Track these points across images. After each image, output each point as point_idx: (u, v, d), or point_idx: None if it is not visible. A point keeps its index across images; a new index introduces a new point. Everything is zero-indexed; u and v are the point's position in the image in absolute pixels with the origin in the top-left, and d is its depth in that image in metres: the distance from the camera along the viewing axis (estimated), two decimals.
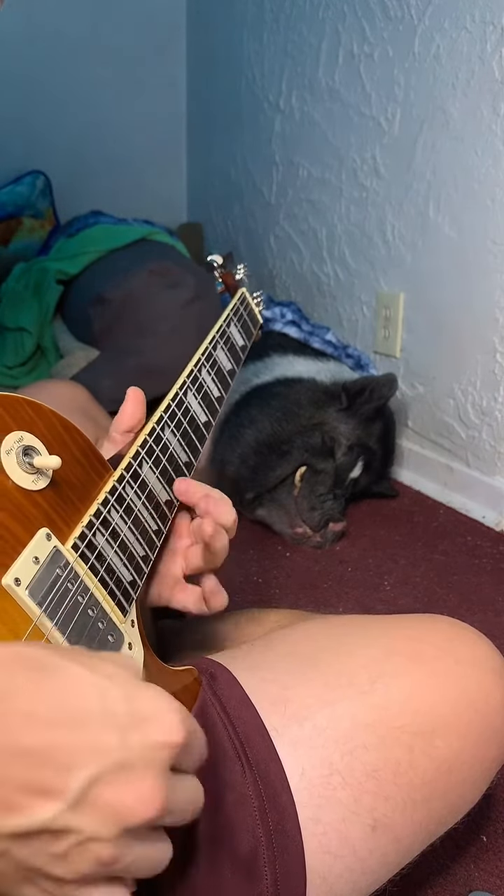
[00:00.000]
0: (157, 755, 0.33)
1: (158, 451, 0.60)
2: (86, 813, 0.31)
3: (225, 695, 0.56)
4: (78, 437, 0.52)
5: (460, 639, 0.63)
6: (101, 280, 1.80)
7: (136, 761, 0.32)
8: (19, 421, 0.47)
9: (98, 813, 0.31)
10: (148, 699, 0.34)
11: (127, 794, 0.32)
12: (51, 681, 0.32)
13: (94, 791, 0.31)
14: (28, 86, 2.11)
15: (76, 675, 0.33)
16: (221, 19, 2.13)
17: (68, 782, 0.31)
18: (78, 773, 0.31)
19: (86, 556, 0.48)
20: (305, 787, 0.52)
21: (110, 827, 0.31)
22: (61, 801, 0.31)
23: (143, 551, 0.55)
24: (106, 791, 0.31)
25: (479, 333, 1.48)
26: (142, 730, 0.33)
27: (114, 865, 0.32)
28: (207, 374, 0.73)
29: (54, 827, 0.31)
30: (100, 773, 0.31)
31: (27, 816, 0.30)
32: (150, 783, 0.32)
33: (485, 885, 0.75)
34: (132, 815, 0.32)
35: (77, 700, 0.32)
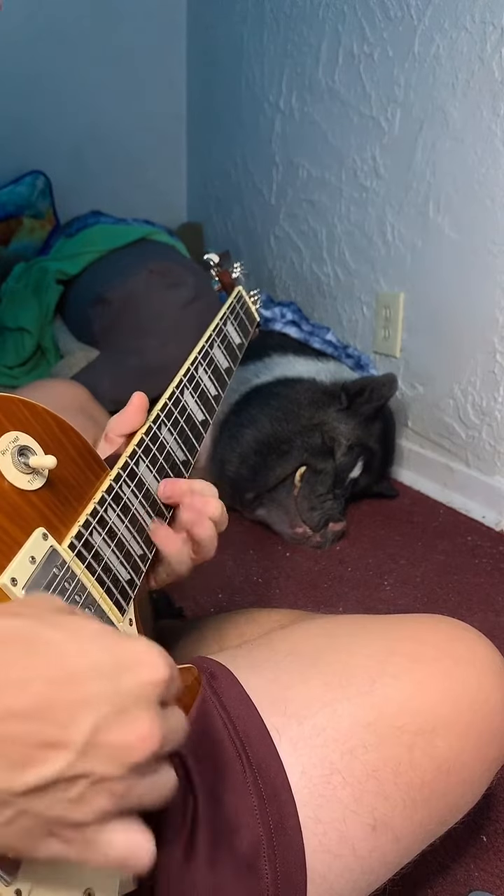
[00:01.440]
0: (147, 694, 0.35)
1: (155, 449, 0.60)
2: (94, 757, 0.33)
3: (225, 694, 0.56)
4: (74, 437, 0.52)
5: (460, 639, 0.63)
6: (101, 280, 1.80)
7: (129, 703, 0.35)
8: (14, 421, 0.46)
9: (105, 755, 0.34)
10: (127, 646, 0.36)
11: (128, 733, 0.34)
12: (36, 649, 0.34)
13: (98, 736, 0.33)
14: (28, 86, 2.11)
15: (58, 641, 0.35)
16: (221, 19, 2.14)
17: (73, 733, 0.33)
18: (80, 723, 0.33)
19: (82, 556, 0.48)
20: (306, 787, 0.52)
21: (118, 765, 0.34)
22: (70, 751, 0.33)
23: (141, 550, 0.55)
24: (109, 734, 0.34)
25: (479, 333, 1.48)
26: (129, 674, 0.35)
27: (126, 798, 0.35)
28: (204, 373, 0.73)
29: (68, 774, 0.33)
30: (99, 719, 0.33)
31: (42, 769, 0.32)
32: (146, 721, 0.35)
33: (485, 885, 0.75)
34: (137, 752, 0.34)
35: (65, 661, 0.34)
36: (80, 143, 2.23)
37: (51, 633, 0.35)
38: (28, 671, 0.33)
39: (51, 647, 0.34)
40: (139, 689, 0.35)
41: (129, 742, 0.34)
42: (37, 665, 0.33)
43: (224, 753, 0.53)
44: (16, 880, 0.36)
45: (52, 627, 0.36)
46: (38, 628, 0.35)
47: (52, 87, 2.14)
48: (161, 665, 0.36)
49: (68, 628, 0.36)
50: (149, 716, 0.35)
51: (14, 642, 0.34)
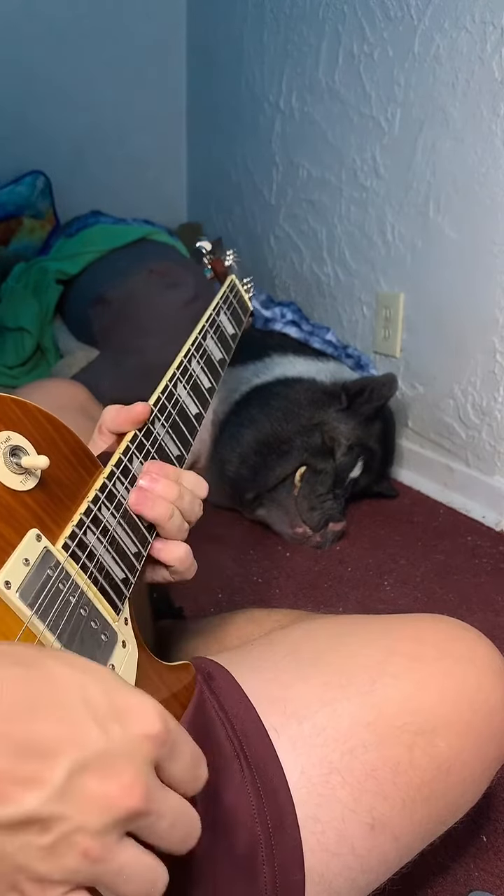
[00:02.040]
0: (138, 747, 0.34)
1: (149, 445, 0.60)
2: (71, 801, 0.31)
3: (223, 694, 0.56)
4: (67, 435, 0.51)
5: (460, 639, 0.63)
6: (101, 280, 1.80)
7: (117, 752, 0.33)
8: (6, 421, 0.46)
9: (83, 802, 0.32)
10: (127, 694, 0.35)
11: (110, 783, 0.32)
12: (32, 676, 0.33)
13: (78, 780, 0.32)
14: (28, 86, 2.11)
15: (58, 671, 0.34)
16: (221, 19, 2.14)
17: (52, 771, 0.31)
18: (61, 762, 0.31)
19: (77, 556, 0.48)
20: (304, 786, 0.52)
21: (96, 817, 0.32)
22: (47, 789, 0.31)
23: (136, 548, 0.54)
24: (89, 780, 0.32)
25: (479, 333, 1.48)
26: (122, 722, 0.34)
27: (101, 865, 0.32)
28: (198, 365, 0.72)
29: (41, 815, 0.31)
30: (82, 762, 0.32)
31: (15, 805, 0.31)
32: (132, 774, 0.33)
33: (485, 885, 0.74)
34: (116, 805, 0.32)
35: (58, 693, 0.33)
36: (80, 143, 2.23)
37: (57, 665, 0.34)
38: (17, 696, 0.32)
39: (52, 678, 0.34)
40: (130, 739, 0.34)
41: (110, 792, 0.32)
42: (28, 692, 0.33)
43: (222, 753, 0.53)
44: None
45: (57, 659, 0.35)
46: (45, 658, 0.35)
47: (52, 86, 2.15)
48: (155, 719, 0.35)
49: (74, 664, 0.35)
50: (135, 768, 0.33)
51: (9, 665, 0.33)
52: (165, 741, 0.35)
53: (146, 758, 0.34)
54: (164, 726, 0.35)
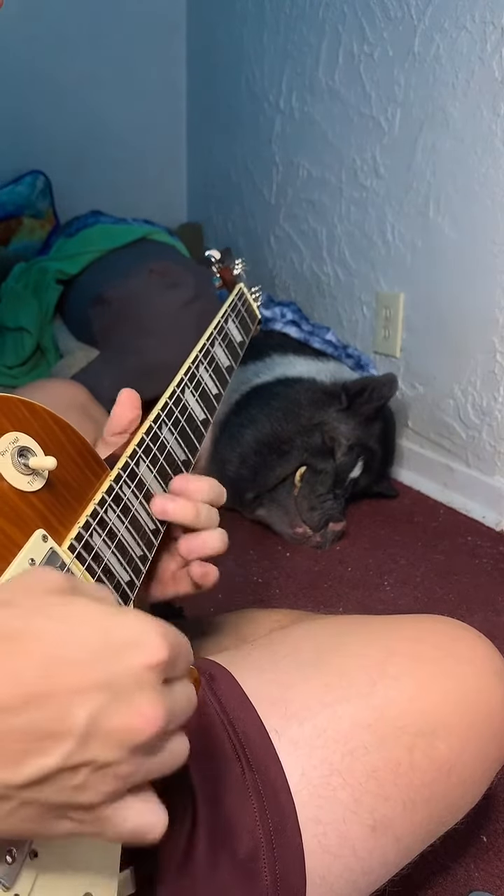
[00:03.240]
0: (146, 676, 0.34)
1: (156, 449, 0.60)
2: (95, 744, 0.33)
3: (224, 695, 0.56)
4: (74, 437, 0.51)
5: (461, 639, 0.63)
6: (101, 280, 1.80)
7: (127, 687, 0.34)
8: (14, 421, 0.46)
9: (107, 741, 0.33)
10: (122, 626, 0.35)
11: (129, 717, 0.33)
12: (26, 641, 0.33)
13: (98, 724, 0.33)
14: (28, 86, 2.11)
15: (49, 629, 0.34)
16: (221, 20, 2.13)
17: (71, 723, 0.32)
18: (77, 712, 0.32)
19: (82, 557, 0.48)
20: (305, 788, 0.52)
21: (121, 750, 0.33)
22: (69, 741, 0.32)
23: (141, 551, 0.55)
24: (109, 721, 0.33)
25: (479, 333, 1.48)
26: (124, 658, 0.34)
27: (134, 777, 0.34)
28: (205, 372, 0.72)
29: (69, 764, 0.32)
30: (97, 707, 0.33)
31: (41, 761, 0.32)
32: (147, 702, 0.34)
33: (485, 885, 0.75)
34: (139, 734, 0.34)
35: (56, 649, 0.33)
36: (80, 143, 2.23)
37: (41, 622, 0.34)
38: (20, 664, 0.32)
39: (41, 637, 0.34)
40: (135, 671, 0.34)
41: (131, 726, 0.33)
42: (27, 657, 0.33)
43: (223, 755, 0.53)
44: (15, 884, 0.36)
45: (43, 615, 0.35)
46: (28, 618, 0.34)
47: (52, 86, 2.14)
48: (159, 647, 0.35)
49: (59, 614, 0.35)
50: (149, 697, 0.34)
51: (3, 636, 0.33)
52: (172, 661, 0.36)
53: (157, 682, 0.35)
54: (169, 651, 0.35)
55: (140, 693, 0.34)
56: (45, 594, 0.37)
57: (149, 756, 0.35)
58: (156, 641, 0.35)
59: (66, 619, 0.35)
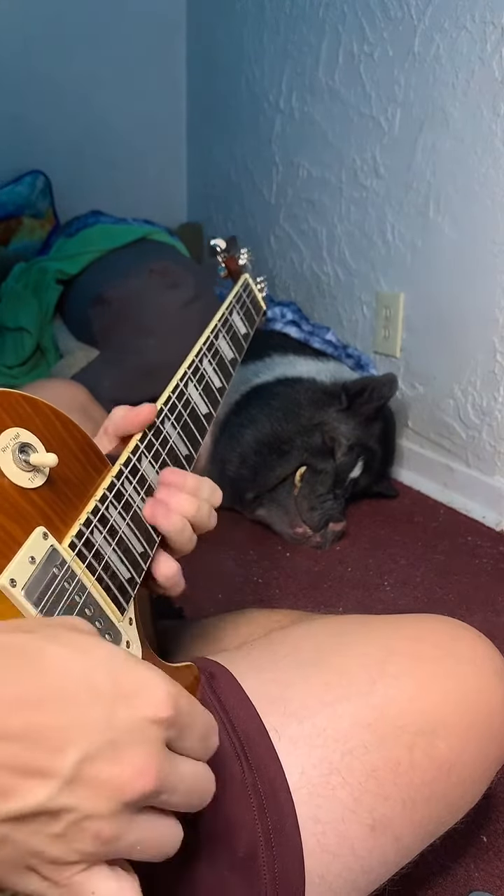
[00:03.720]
0: (147, 730, 0.33)
1: (158, 444, 0.59)
2: (81, 790, 0.31)
3: (224, 694, 0.56)
4: (76, 432, 0.51)
5: (461, 639, 0.63)
6: (101, 280, 1.80)
7: (125, 737, 0.32)
8: (15, 417, 0.46)
9: (93, 789, 0.31)
10: (133, 674, 0.34)
11: (120, 768, 0.32)
12: (33, 665, 0.32)
13: (87, 768, 0.31)
14: (28, 85, 2.11)
15: (58, 657, 0.33)
16: (221, 19, 2.13)
17: (60, 762, 0.31)
18: (69, 751, 0.31)
19: (83, 555, 0.48)
20: (305, 787, 0.52)
21: (107, 803, 0.32)
22: (56, 781, 0.31)
23: (142, 548, 0.54)
24: (98, 768, 0.32)
25: (479, 333, 1.48)
26: (128, 705, 0.33)
27: (115, 844, 0.32)
28: (209, 364, 0.71)
29: (51, 807, 0.31)
30: (90, 750, 0.31)
31: (23, 798, 0.30)
32: (142, 757, 0.32)
33: (485, 885, 0.75)
34: (127, 789, 0.32)
35: (61, 681, 0.32)
36: (79, 143, 2.23)
37: (55, 650, 0.33)
38: (19, 689, 0.32)
39: (52, 666, 0.33)
40: (137, 722, 0.33)
41: (121, 777, 0.32)
42: (30, 683, 0.32)
43: (223, 753, 0.53)
44: None
45: (59, 645, 0.34)
46: (43, 645, 0.33)
47: (52, 86, 2.14)
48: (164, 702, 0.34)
49: (77, 647, 0.34)
50: (145, 752, 0.33)
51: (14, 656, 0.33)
52: (175, 722, 0.34)
53: (157, 739, 0.34)
54: (174, 709, 0.34)
55: (137, 746, 0.33)
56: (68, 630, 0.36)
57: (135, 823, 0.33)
58: (162, 697, 0.34)
59: (82, 653, 0.34)
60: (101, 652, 0.35)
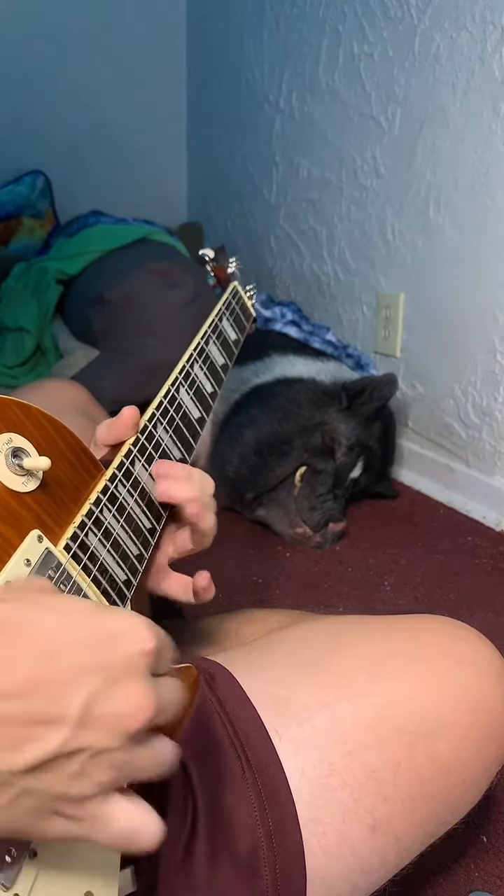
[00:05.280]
0: (136, 664, 0.36)
1: (151, 448, 0.60)
2: (91, 729, 0.34)
3: (225, 695, 0.56)
4: (69, 438, 0.51)
5: (461, 639, 0.63)
6: (101, 280, 1.80)
7: (119, 674, 0.35)
8: (8, 422, 0.46)
9: (102, 727, 0.34)
10: (112, 618, 0.37)
11: (122, 703, 0.35)
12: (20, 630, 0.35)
13: (93, 709, 0.34)
14: (28, 85, 2.11)
15: (43, 620, 0.35)
16: (221, 19, 2.13)
17: (66, 708, 0.33)
18: (72, 697, 0.33)
19: (78, 557, 0.48)
20: (305, 787, 0.52)
21: (115, 736, 0.34)
22: (66, 726, 0.33)
23: (138, 550, 0.55)
24: (103, 706, 0.34)
25: (479, 333, 1.48)
26: (116, 646, 0.35)
27: (127, 769, 0.35)
28: (200, 370, 0.72)
29: (66, 749, 0.33)
30: (91, 692, 0.34)
31: (39, 746, 0.33)
32: (139, 690, 0.35)
33: (485, 885, 0.75)
34: (132, 721, 0.35)
35: (51, 638, 0.35)
36: (79, 143, 2.23)
37: (35, 613, 0.36)
38: (14, 652, 0.33)
39: (36, 627, 0.35)
40: (127, 659, 0.35)
41: (124, 712, 0.34)
42: (23, 645, 0.34)
43: (223, 754, 0.53)
44: (14, 884, 0.36)
45: (37, 608, 0.36)
46: (22, 610, 0.36)
47: (52, 86, 2.14)
48: (148, 636, 0.36)
49: (53, 606, 0.37)
50: (140, 685, 0.35)
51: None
52: (159, 649, 0.37)
53: (146, 671, 0.36)
54: (157, 640, 0.37)
55: (131, 680, 0.35)
56: (38, 592, 0.39)
57: (141, 748, 0.36)
58: (144, 632, 0.36)
59: (59, 611, 0.36)
60: (77, 605, 0.38)
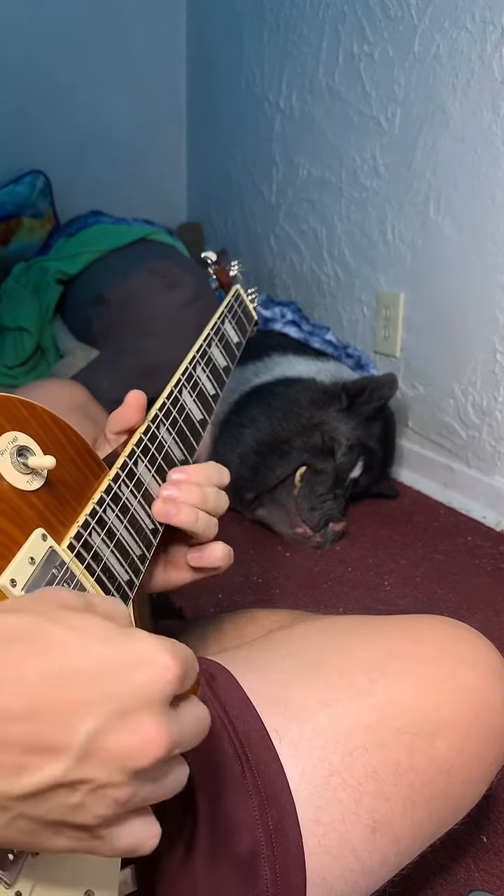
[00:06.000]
0: (153, 694, 0.33)
1: (154, 449, 0.60)
2: (94, 762, 0.32)
3: (225, 695, 0.56)
4: (73, 437, 0.52)
5: (460, 639, 0.63)
6: (101, 280, 1.80)
7: (132, 705, 0.33)
8: (13, 421, 0.46)
9: (106, 761, 0.32)
10: (134, 645, 0.35)
11: (131, 738, 0.32)
12: (36, 647, 0.33)
13: (99, 741, 0.32)
14: (28, 85, 2.11)
15: (61, 638, 0.34)
16: (221, 19, 2.13)
17: (72, 737, 0.31)
18: (79, 727, 0.32)
19: (82, 556, 0.48)
20: (305, 788, 0.52)
21: (120, 772, 0.32)
22: (68, 756, 0.31)
23: (140, 550, 0.55)
24: (110, 739, 0.32)
25: (479, 333, 1.48)
26: (133, 674, 0.33)
27: (132, 803, 0.33)
28: (202, 372, 0.73)
29: (66, 780, 0.32)
30: (100, 722, 0.32)
31: (39, 775, 0.31)
32: (151, 724, 0.33)
33: (485, 885, 0.75)
34: (140, 758, 0.33)
35: (65, 659, 0.33)
36: (79, 143, 2.23)
37: (54, 629, 0.34)
38: (26, 670, 0.32)
39: (52, 645, 0.33)
40: (143, 689, 0.33)
41: (133, 746, 0.32)
42: (35, 663, 0.32)
43: (224, 755, 0.53)
44: (16, 882, 0.36)
45: (56, 624, 0.34)
46: (40, 624, 0.34)
47: (52, 86, 2.14)
48: (170, 663, 0.34)
49: (73, 625, 0.34)
50: (154, 719, 0.33)
51: (14, 640, 0.33)
52: (181, 678, 0.35)
53: (163, 703, 0.34)
54: (180, 667, 0.35)
55: (145, 714, 0.33)
56: (60, 607, 0.36)
57: (149, 782, 0.34)
58: (166, 659, 0.34)
59: (79, 630, 0.34)
60: (98, 626, 0.35)
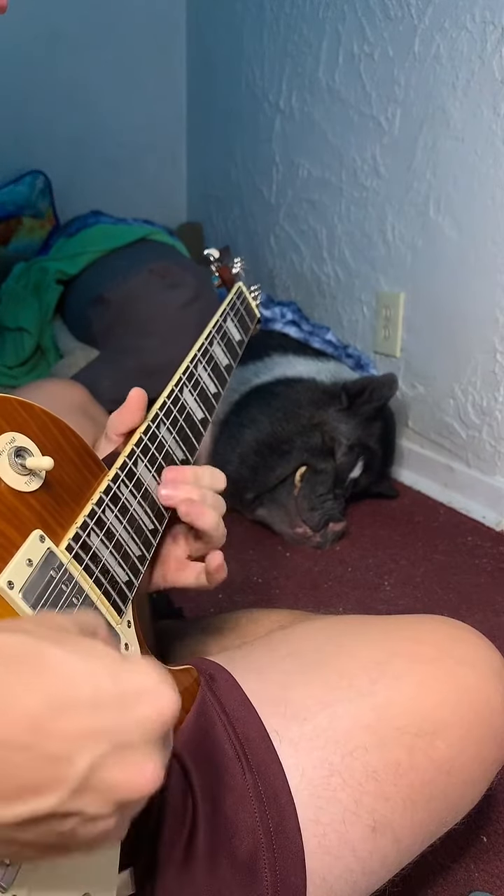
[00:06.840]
0: (152, 730, 0.33)
1: (154, 449, 0.60)
2: (90, 796, 0.32)
3: (225, 696, 0.56)
4: (72, 437, 0.51)
5: (461, 640, 0.63)
6: (101, 280, 1.80)
7: (132, 740, 0.32)
8: (11, 422, 0.46)
9: (100, 794, 0.32)
10: (135, 676, 0.34)
11: (128, 773, 0.32)
12: (38, 669, 0.32)
13: (96, 775, 0.31)
14: (28, 85, 2.11)
15: (59, 661, 0.33)
16: (221, 19, 2.13)
17: (68, 771, 0.31)
18: (77, 760, 0.31)
19: (80, 558, 0.48)
20: (305, 788, 0.52)
21: (112, 804, 0.32)
22: (64, 789, 0.31)
23: (139, 551, 0.55)
24: (107, 773, 0.32)
25: (479, 333, 1.48)
26: (134, 708, 0.33)
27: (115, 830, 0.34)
28: (204, 370, 0.72)
29: (60, 811, 0.31)
30: (98, 757, 0.31)
31: (31, 806, 0.31)
32: (150, 760, 0.33)
33: (485, 886, 0.75)
34: (133, 791, 0.32)
35: (67, 685, 0.32)
36: (79, 143, 2.23)
37: (56, 652, 0.33)
38: (26, 692, 0.31)
39: (55, 669, 0.32)
40: (143, 724, 0.33)
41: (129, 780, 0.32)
42: (37, 686, 0.31)
43: (223, 755, 0.53)
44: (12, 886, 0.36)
45: (59, 646, 0.33)
46: (43, 646, 0.33)
47: (52, 86, 2.14)
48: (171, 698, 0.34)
49: (76, 648, 0.34)
50: (152, 753, 0.33)
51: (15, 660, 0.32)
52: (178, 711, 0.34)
53: (160, 738, 0.34)
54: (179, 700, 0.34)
55: (146, 749, 0.33)
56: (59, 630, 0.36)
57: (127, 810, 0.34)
58: (168, 694, 0.34)
59: (83, 655, 0.34)
60: (102, 653, 0.34)
